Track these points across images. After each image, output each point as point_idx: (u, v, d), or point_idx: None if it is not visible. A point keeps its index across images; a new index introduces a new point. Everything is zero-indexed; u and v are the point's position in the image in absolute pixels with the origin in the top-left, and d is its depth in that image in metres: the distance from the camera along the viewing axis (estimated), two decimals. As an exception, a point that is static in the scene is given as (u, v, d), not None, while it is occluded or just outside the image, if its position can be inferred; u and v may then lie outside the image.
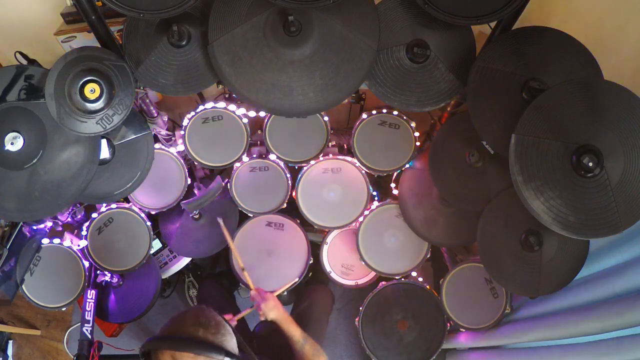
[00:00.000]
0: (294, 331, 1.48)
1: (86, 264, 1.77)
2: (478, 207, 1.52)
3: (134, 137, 1.55)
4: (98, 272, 1.88)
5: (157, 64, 1.39)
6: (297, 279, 1.92)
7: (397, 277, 1.89)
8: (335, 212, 1.91)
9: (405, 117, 1.75)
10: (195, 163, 1.84)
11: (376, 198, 1.97)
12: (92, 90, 1.28)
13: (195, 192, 1.99)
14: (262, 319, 1.56)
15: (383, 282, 1.89)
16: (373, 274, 2.00)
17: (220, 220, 1.69)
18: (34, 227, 1.70)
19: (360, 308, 1.89)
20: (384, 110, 1.76)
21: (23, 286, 1.70)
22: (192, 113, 1.73)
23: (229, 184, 1.91)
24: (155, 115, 1.68)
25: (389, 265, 1.91)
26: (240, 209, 1.96)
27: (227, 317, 1.56)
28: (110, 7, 1.19)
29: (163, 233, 2.06)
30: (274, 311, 1.51)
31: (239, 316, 1.62)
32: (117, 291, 1.99)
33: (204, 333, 1.01)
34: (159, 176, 1.84)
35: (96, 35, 1.32)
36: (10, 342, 2.56)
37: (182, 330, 1.01)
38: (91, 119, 1.31)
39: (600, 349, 1.25)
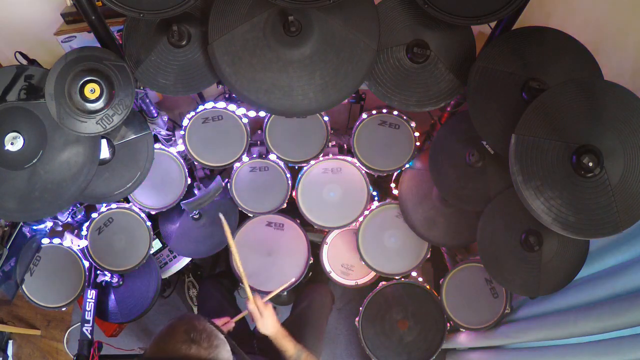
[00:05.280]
0: (289, 347, 1.48)
1: (86, 264, 1.77)
2: (478, 207, 1.52)
3: (134, 137, 1.55)
4: (98, 272, 1.88)
5: (157, 64, 1.39)
6: (294, 279, 1.91)
7: (397, 277, 1.89)
8: (335, 212, 1.91)
9: (405, 117, 1.75)
10: (195, 163, 1.84)
11: (376, 198, 1.97)
12: (92, 90, 1.28)
13: (195, 192, 1.99)
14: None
15: (383, 282, 1.89)
16: (373, 274, 2.00)
17: (221, 217, 1.58)
18: (34, 227, 1.70)
19: (360, 308, 1.89)
20: (384, 110, 1.76)
21: (23, 286, 1.70)
22: (192, 113, 1.73)
23: (229, 184, 1.91)
24: (155, 115, 1.68)
25: (389, 265, 1.91)
26: (240, 209, 1.96)
27: (224, 319, 1.56)
28: (110, 7, 1.19)
29: (163, 233, 2.06)
30: (270, 329, 1.50)
31: (237, 318, 1.62)
32: (117, 291, 1.99)
33: (196, 350, 0.96)
34: (159, 176, 1.84)
35: (96, 35, 1.32)
36: (10, 342, 2.56)
37: (173, 349, 0.95)
38: (91, 119, 1.31)
39: (600, 349, 1.25)
